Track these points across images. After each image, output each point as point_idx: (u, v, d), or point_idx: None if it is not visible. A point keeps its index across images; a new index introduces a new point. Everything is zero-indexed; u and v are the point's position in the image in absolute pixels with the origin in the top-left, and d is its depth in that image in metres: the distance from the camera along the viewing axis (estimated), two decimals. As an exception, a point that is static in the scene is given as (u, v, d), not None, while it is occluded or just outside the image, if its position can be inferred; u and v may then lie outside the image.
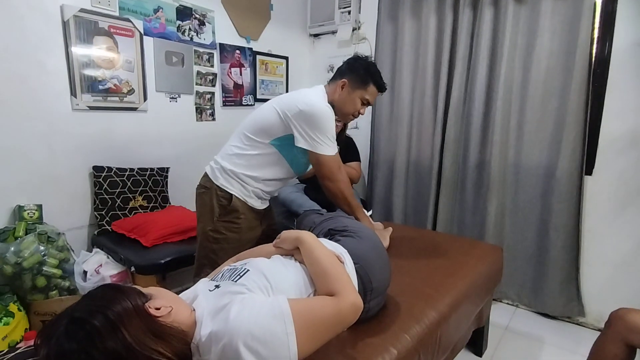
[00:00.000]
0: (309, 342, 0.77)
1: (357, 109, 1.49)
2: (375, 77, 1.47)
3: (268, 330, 0.73)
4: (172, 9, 2.35)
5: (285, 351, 0.73)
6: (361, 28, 2.92)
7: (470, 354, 1.82)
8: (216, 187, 1.45)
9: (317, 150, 1.37)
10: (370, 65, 1.47)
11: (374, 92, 1.47)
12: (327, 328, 0.82)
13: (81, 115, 2.02)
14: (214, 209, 1.45)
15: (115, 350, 0.64)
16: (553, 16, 2.04)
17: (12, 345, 1.57)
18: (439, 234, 2.22)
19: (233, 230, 1.46)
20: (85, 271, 1.88)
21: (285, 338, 0.73)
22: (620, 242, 1.99)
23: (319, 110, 1.35)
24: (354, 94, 1.45)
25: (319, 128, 1.35)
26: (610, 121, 1.96)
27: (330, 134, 1.38)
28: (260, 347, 0.71)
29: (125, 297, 0.71)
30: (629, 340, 1.19)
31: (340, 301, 0.84)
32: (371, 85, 1.46)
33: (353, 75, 1.45)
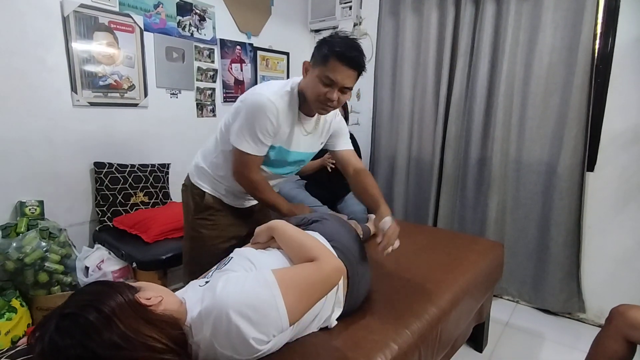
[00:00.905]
0: (297, 303, 0.81)
1: (320, 92, 1.16)
2: (336, 45, 1.12)
3: (255, 296, 0.76)
4: (173, 5, 2.34)
5: (274, 312, 0.76)
6: (362, 23, 2.90)
7: (471, 350, 1.83)
8: (192, 184, 1.41)
9: (233, 142, 1.22)
10: (333, 35, 1.18)
11: (336, 67, 1.13)
12: (312, 288, 0.86)
13: (82, 111, 2.02)
14: (189, 206, 1.43)
15: (111, 340, 0.64)
16: (555, 12, 2.03)
17: (14, 340, 1.58)
18: (440, 230, 2.22)
19: (208, 228, 1.40)
20: (87, 267, 1.89)
21: (272, 300, 0.76)
22: (621, 239, 1.99)
23: (251, 102, 1.20)
24: (313, 74, 1.18)
25: (245, 119, 1.19)
26: (612, 117, 1.96)
27: (252, 130, 1.18)
28: (249, 311, 0.73)
29: (114, 291, 0.71)
30: (630, 337, 1.19)
31: (321, 263, 0.89)
32: (332, 59, 1.12)
33: (313, 53, 1.20)
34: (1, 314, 1.57)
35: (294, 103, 1.25)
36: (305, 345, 0.94)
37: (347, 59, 1.13)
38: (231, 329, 0.72)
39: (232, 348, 0.73)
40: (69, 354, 0.62)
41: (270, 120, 1.18)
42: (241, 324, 0.72)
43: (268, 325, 0.75)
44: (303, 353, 0.91)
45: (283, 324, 0.77)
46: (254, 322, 0.73)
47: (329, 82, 1.15)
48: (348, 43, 1.15)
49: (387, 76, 2.74)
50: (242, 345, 0.73)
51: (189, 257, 1.46)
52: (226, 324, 0.72)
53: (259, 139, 1.20)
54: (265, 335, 0.74)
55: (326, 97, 1.16)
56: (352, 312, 1.10)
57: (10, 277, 1.71)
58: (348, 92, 1.20)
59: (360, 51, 1.16)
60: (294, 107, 1.25)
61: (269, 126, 1.19)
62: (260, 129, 1.19)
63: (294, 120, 1.27)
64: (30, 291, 1.73)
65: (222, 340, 0.73)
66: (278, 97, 1.20)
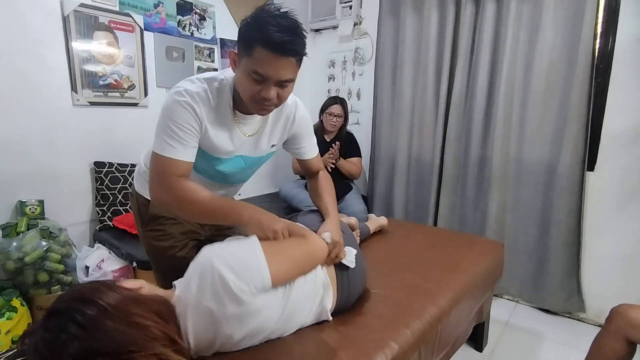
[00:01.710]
0: (278, 259, 0.85)
1: (253, 91, 0.92)
2: (260, 28, 0.86)
3: (237, 247, 0.82)
4: (173, 4, 2.34)
5: (254, 261, 0.80)
6: (362, 23, 2.90)
7: (471, 349, 1.83)
8: (136, 192, 1.24)
9: (152, 147, 1.00)
10: (256, 12, 0.90)
11: (264, 58, 0.87)
12: (295, 251, 0.92)
13: (82, 110, 2.02)
14: (136, 217, 1.26)
15: (95, 317, 0.64)
16: (556, 11, 2.03)
17: (15, 339, 1.58)
18: (440, 230, 2.22)
19: (160, 239, 1.21)
20: (87, 266, 1.89)
21: (252, 249, 0.82)
22: (622, 238, 1.99)
23: (168, 97, 0.99)
24: (240, 69, 0.94)
25: (161, 116, 0.98)
26: (612, 117, 1.95)
27: (169, 126, 0.95)
28: (231, 259, 0.77)
29: (95, 283, 0.73)
30: (630, 336, 1.19)
31: (308, 238, 0.96)
32: (257, 47, 0.87)
33: (238, 39, 0.94)
34: (1, 314, 1.57)
35: (225, 99, 1.01)
36: (304, 344, 0.94)
37: (276, 46, 0.86)
38: (214, 277, 0.75)
39: (217, 298, 0.75)
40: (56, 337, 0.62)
41: (189, 112, 0.95)
42: (223, 270, 0.75)
43: (248, 274, 0.78)
44: (302, 352, 0.91)
45: (264, 277, 0.79)
46: (235, 270, 0.76)
47: (260, 78, 0.90)
48: (276, 21, 0.87)
49: (387, 76, 2.74)
50: (226, 293, 0.75)
51: (154, 267, 1.32)
52: (210, 272, 0.76)
53: (178, 137, 0.95)
54: (246, 284, 0.77)
55: (261, 95, 0.92)
56: (352, 310, 1.10)
57: (11, 276, 1.71)
58: (289, 84, 0.95)
59: (294, 29, 0.88)
60: (225, 103, 1.01)
61: (189, 120, 0.95)
62: (177, 124, 0.94)
63: (227, 120, 1.03)
64: (31, 290, 1.73)
65: (207, 292, 0.75)
66: (198, 88, 0.98)
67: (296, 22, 0.90)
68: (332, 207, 1.21)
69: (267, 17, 0.88)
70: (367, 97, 2.92)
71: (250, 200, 2.59)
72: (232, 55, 0.97)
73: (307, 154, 1.27)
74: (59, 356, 0.61)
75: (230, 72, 1.02)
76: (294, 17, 0.91)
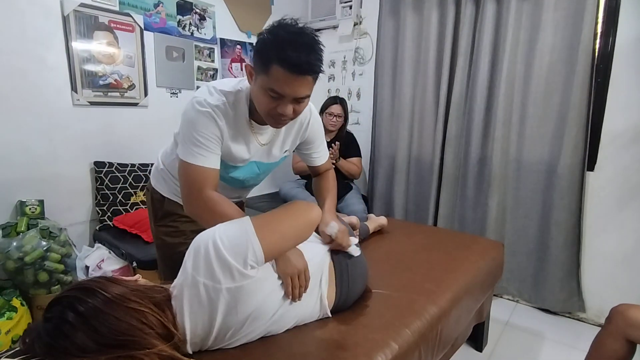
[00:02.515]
0: (270, 232, 0.85)
1: (269, 106, 0.95)
2: (277, 45, 0.87)
3: (227, 227, 0.83)
4: (173, 4, 2.34)
5: (244, 234, 0.81)
6: (362, 23, 2.90)
7: (471, 349, 1.83)
8: (152, 188, 1.29)
9: (180, 153, 1.02)
10: (273, 27, 0.90)
11: (281, 77, 0.88)
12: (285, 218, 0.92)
13: (82, 110, 2.02)
14: (150, 212, 1.32)
15: (95, 306, 0.67)
16: (556, 11, 2.03)
17: (15, 339, 1.58)
18: (440, 230, 2.22)
19: (171, 235, 1.26)
20: (87, 266, 1.89)
21: (242, 226, 0.83)
22: (622, 238, 1.99)
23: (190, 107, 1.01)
24: (256, 84, 0.96)
25: (185, 125, 1.02)
26: (612, 117, 1.95)
27: (191, 138, 0.99)
28: (224, 237, 0.79)
29: (93, 277, 0.76)
30: (630, 336, 1.19)
31: (295, 202, 0.97)
32: (274, 66, 0.88)
33: (255, 55, 0.94)
34: (1, 313, 1.57)
35: (241, 111, 1.04)
36: (304, 343, 0.94)
37: (293, 66, 0.87)
38: (208, 251, 0.77)
39: (211, 273, 0.76)
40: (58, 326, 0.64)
41: (212, 122, 0.99)
42: (217, 243, 0.77)
43: (240, 247, 0.79)
44: (302, 351, 0.91)
45: (255, 249, 0.80)
46: (226, 244, 0.78)
47: (277, 96, 0.92)
48: (293, 39, 0.87)
49: (387, 75, 2.74)
50: (220, 267, 0.76)
51: (162, 262, 1.35)
52: (203, 248, 0.77)
53: (205, 146, 0.99)
54: (239, 257, 0.78)
55: (277, 111, 0.95)
56: (352, 309, 1.10)
57: (11, 276, 1.71)
58: (305, 100, 0.98)
59: (311, 48, 0.88)
60: (241, 115, 1.04)
61: (213, 129, 0.99)
62: (203, 134, 0.98)
63: (244, 131, 1.07)
64: (31, 290, 1.73)
65: (201, 268, 0.77)
66: (217, 101, 1.00)
67: (314, 38, 0.91)
68: (330, 203, 1.22)
69: (284, 35, 0.88)
70: (367, 97, 2.92)
71: (251, 200, 2.59)
72: (249, 68, 0.98)
73: (318, 159, 1.29)
74: (63, 344, 0.62)
75: (246, 82, 1.05)
76: (311, 33, 0.92)
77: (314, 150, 1.26)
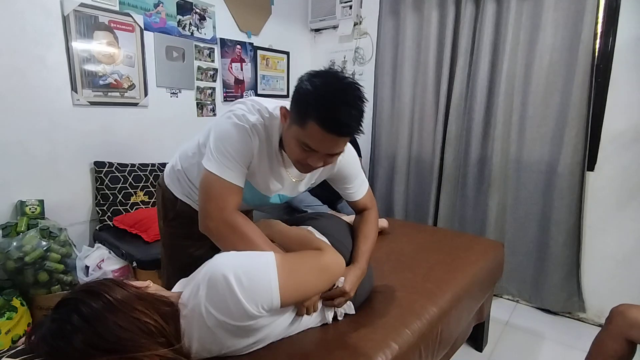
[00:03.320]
0: (291, 280, 0.80)
1: (300, 157, 0.91)
2: (318, 105, 0.83)
3: (250, 265, 0.78)
4: (173, 4, 2.34)
5: (266, 280, 0.76)
6: (362, 23, 2.90)
7: (471, 349, 1.83)
8: (165, 187, 1.25)
9: (205, 163, 0.96)
10: (315, 81, 0.86)
11: (317, 134, 0.84)
12: (309, 271, 0.86)
13: (82, 110, 2.02)
14: (160, 211, 1.29)
15: (98, 310, 0.66)
16: (556, 11, 2.03)
17: (15, 339, 1.58)
18: (440, 230, 2.22)
19: (181, 236, 1.24)
20: (87, 266, 1.89)
21: (266, 269, 0.77)
22: (622, 238, 1.99)
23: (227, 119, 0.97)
24: (289, 131, 0.92)
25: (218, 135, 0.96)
26: (612, 117, 1.96)
27: (222, 150, 0.93)
28: (242, 275, 0.74)
29: (103, 280, 0.74)
30: (630, 336, 1.19)
31: (324, 252, 0.89)
32: (311, 123, 0.84)
33: (293, 100, 0.91)
34: (1, 313, 1.57)
35: (274, 137, 0.99)
36: (304, 344, 0.94)
37: (334, 128, 0.83)
38: (225, 291, 0.73)
39: (225, 311, 0.73)
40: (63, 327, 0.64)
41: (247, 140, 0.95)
42: (234, 285, 0.72)
43: (258, 293, 0.75)
44: (302, 352, 0.91)
45: (273, 298, 0.76)
46: (245, 287, 0.73)
47: (310, 150, 0.88)
48: (336, 98, 0.83)
49: (387, 75, 2.74)
50: (234, 308, 0.73)
51: (167, 261, 1.32)
52: (221, 285, 0.73)
53: (237, 161, 0.94)
54: (254, 303, 0.74)
55: (307, 162, 0.92)
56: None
57: (11, 276, 1.71)
58: (338, 155, 0.94)
59: (354, 108, 0.84)
60: (273, 142, 1.00)
61: (247, 147, 0.95)
62: (236, 149, 0.94)
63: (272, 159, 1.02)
64: (31, 290, 1.73)
65: (215, 303, 0.74)
66: (256, 120, 0.96)
67: (358, 97, 0.86)
68: (363, 255, 1.09)
69: (327, 92, 0.84)
70: (367, 97, 2.91)
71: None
72: (284, 110, 0.94)
73: (354, 194, 1.20)
74: (65, 346, 0.63)
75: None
76: (356, 90, 0.86)
77: (347, 184, 1.18)
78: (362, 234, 1.15)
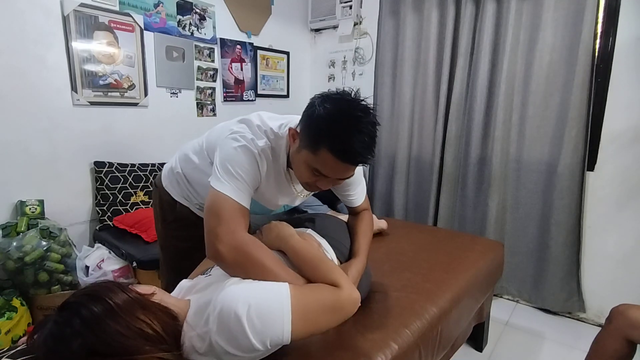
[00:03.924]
0: (303, 323, 0.77)
1: (309, 180, 0.93)
2: (331, 134, 0.82)
3: (265, 302, 0.73)
4: (173, 4, 2.34)
5: (279, 326, 0.73)
6: (362, 23, 2.90)
7: (471, 349, 1.83)
8: (162, 188, 1.23)
9: (215, 184, 0.91)
10: (339, 117, 0.83)
11: (329, 162, 0.85)
12: (323, 313, 0.82)
13: (82, 110, 2.02)
14: (158, 213, 1.27)
15: (99, 315, 0.65)
16: (556, 11, 2.03)
17: (15, 339, 1.58)
18: (440, 230, 2.22)
19: (181, 239, 1.22)
20: (87, 266, 1.89)
21: (280, 309, 0.74)
22: (622, 238, 1.99)
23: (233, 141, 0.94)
24: (299, 155, 0.91)
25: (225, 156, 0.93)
26: (612, 117, 1.95)
27: (231, 172, 0.90)
28: (255, 316, 0.71)
29: (108, 283, 0.72)
30: (630, 336, 1.19)
31: (341, 290, 0.84)
32: (323, 151, 0.84)
33: (304, 124, 0.90)
34: (1, 313, 1.57)
35: (281, 157, 0.99)
36: (304, 344, 0.94)
37: (346, 157, 0.83)
38: (236, 328, 0.71)
39: (236, 344, 0.72)
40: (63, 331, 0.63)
41: (255, 164, 0.93)
42: (246, 324, 0.70)
43: (269, 333, 0.73)
44: (301, 352, 0.91)
45: (284, 340, 0.75)
46: (256, 328, 0.71)
47: (319, 175, 0.89)
48: (350, 128, 0.82)
49: (387, 75, 2.74)
50: (245, 343, 0.72)
51: (166, 262, 1.31)
52: (233, 322, 0.71)
53: (246, 183, 0.91)
54: (262, 343, 0.72)
55: (317, 185, 0.94)
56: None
57: (11, 276, 1.71)
58: (348, 179, 0.95)
59: (368, 136, 0.84)
60: (280, 162, 1.00)
61: (254, 170, 0.94)
62: (245, 171, 0.91)
63: (280, 178, 1.03)
64: (31, 290, 1.73)
65: (227, 337, 0.72)
66: (264, 144, 0.95)
67: (373, 124, 0.85)
68: (361, 251, 1.11)
69: (342, 119, 0.82)
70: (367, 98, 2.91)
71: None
72: (292, 132, 0.92)
73: (354, 201, 1.21)
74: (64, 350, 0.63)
75: (287, 127, 0.97)
76: (372, 118, 0.85)
77: (350, 192, 1.18)
78: (360, 230, 1.17)
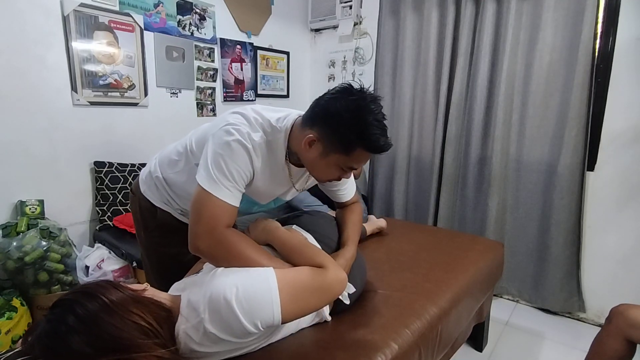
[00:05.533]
0: (293, 305, 0.80)
1: (334, 177, 0.98)
2: (366, 133, 0.87)
3: (252, 284, 0.77)
4: (173, 4, 2.34)
5: (269, 308, 0.76)
6: (362, 23, 2.90)
7: (471, 349, 1.83)
8: (140, 195, 1.19)
9: (202, 181, 0.89)
10: (362, 117, 0.87)
11: (364, 156, 0.93)
12: (311, 294, 0.85)
13: (82, 110, 2.02)
14: (139, 221, 1.23)
15: (93, 312, 0.66)
16: (556, 11, 2.03)
17: (15, 339, 1.58)
18: (440, 230, 2.22)
19: (164, 245, 1.19)
20: (87, 266, 1.89)
21: (268, 293, 0.77)
22: (622, 238, 1.99)
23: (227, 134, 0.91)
24: (327, 159, 0.92)
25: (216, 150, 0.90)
26: (612, 117, 1.95)
27: (221, 168, 0.88)
28: (244, 300, 0.74)
29: (100, 282, 0.74)
30: (630, 336, 1.19)
31: (327, 270, 0.87)
32: (359, 149, 0.90)
33: (327, 131, 0.90)
34: (1, 313, 1.57)
35: (279, 151, 0.98)
36: (303, 344, 0.94)
37: (379, 149, 0.90)
38: (228, 313, 0.73)
39: (230, 330, 0.74)
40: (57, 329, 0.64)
41: (248, 159, 0.92)
42: (236, 306, 0.73)
43: (259, 314, 0.75)
44: (302, 352, 0.91)
45: (275, 320, 0.77)
46: (246, 309, 0.74)
47: (347, 169, 0.96)
48: (378, 125, 0.88)
49: (387, 75, 2.74)
50: (238, 327, 0.74)
51: (152, 269, 1.27)
52: (223, 307, 0.73)
53: (235, 181, 0.89)
54: (255, 324, 0.75)
55: (339, 178, 1.00)
56: (351, 310, 1.10)
57: (11, 276, 1.71)
58: None
59: (384, 119, 0.92)
60: (278, 155, 0.98)
61: (247, 167, 0.92)
62: (236, 168, 0.89)
63: (278, 172, 1.01)
64: (31, 290, 1.73)
65: (219, 323, 0.74)
66: (260, 139, 0.93)
67: (381, 107, 0.92)
68: (351, 240, 1.11)
69: (368, 118, 0.87)
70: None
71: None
72: (309, 140, 0.91)
73: (344, 196, 1.20)
74: (60, 347, 0.63)
75: (286, 122, 0.97)
76: (376, 97, 0.92)
77: (339, 187, 1.17)
78: (349, 220, 1.17)
